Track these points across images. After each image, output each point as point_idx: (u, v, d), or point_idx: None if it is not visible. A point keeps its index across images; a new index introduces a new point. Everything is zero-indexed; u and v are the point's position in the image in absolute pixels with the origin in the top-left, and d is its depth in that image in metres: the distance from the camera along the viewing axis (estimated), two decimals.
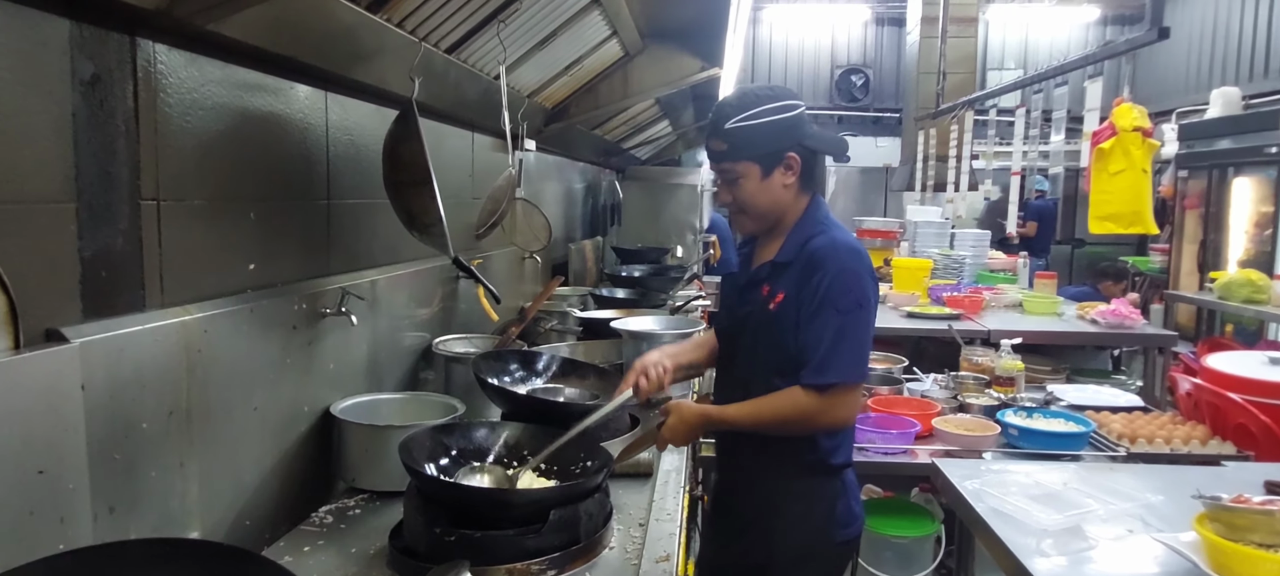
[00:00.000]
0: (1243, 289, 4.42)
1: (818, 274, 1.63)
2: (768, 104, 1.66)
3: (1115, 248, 8.05)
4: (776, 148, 1.68)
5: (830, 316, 1.61)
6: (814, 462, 1.71)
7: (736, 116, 1.66)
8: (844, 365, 1.60)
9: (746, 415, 1.67)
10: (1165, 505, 1.65)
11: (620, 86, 3.68)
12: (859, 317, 1.64)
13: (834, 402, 1.61)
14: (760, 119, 1.65)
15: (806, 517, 1.72)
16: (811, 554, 1.73)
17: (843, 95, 11.21)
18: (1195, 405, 2.59)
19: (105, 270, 1.22)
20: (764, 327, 1.72)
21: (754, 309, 1.75)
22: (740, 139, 1.66)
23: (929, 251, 5.52)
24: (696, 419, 1.70)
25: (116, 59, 1.22)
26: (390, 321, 2.20)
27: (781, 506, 1.72)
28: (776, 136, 1.67)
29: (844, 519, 1.75)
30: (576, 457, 1.69)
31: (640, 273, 4.70)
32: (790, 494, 1.72)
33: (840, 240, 1.69)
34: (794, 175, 1.71)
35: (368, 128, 2.04)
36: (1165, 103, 7.88)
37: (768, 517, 1.73)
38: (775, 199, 1.72)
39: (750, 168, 1.68)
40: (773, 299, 1.70)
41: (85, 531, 1.14)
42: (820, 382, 1.59)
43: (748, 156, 1.68)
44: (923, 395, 2.86)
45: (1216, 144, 5.91)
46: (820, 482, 1.73)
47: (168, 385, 1.32)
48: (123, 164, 1.24)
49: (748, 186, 1.70)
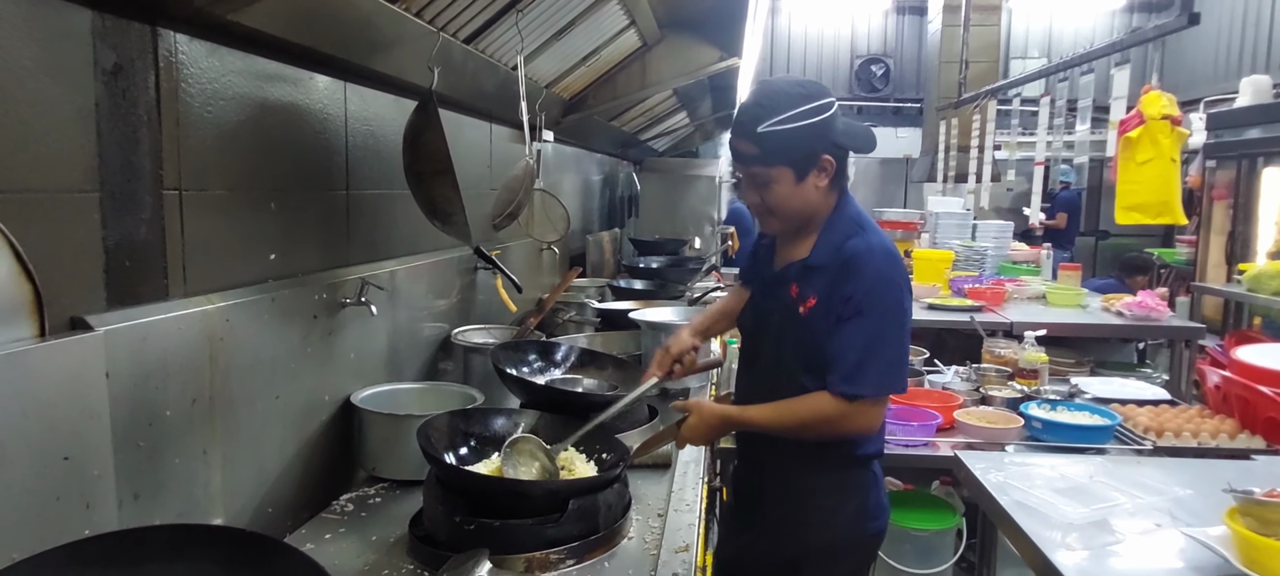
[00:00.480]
0: (1273, 281, 4.32)
1: (854, 280, 1.56)
2: (802, 105, 1.56)
3: (1141, 239, 7.92)
4: (812, 150, 1.59)
5: (864, 325, 1.54)
6: (847, 455, 1.68)
7: (770, 120, 1.56)
8: (875, 377, 1.55)
9: (768, 418, 1.62)
10: (1194, 499, 1.62)
11: (638, 77, 3.67)
12: (894, 328, 1.58)
13: (859, 412, 1.56)
14: (795, 122, 1.56)
15: (840, 511, 1.69)
16: (845, 547, 1.70)
17: (863, 85, 11.10)
18: (1224, 398, 2.54)
19: (129, 259, 1.23)
20: (792, 330, 1.65)
21: (780, 309, 1.69)
22: (774, 144, 1.57)
23: (950, 243, 5.45)
24: (717, 420, 1.67)
25: (138, 49, 1.23)
26: (410, 312, 2.21)
27: (814, 500, 1.68)
28: (812, 139, 1.58)
29: (874, 511, 1.72)
30: (594, 449, 1.69)
31: (658, 264, 4.70)
32: (823, 487, 1.68)
33: (877, 245, 1.61)
34: (827, 177, 1.63)
35: (387, 118, 2.05)
36: (1194, 91, 7.73)
37: (800, 511, 1.70)
38: (807, 201, 1.64)
39: (783, 172, 1.59)
40: (803, 302, 1.64)
41: (110, 517, 1.15)
42: (849, 392, 1.54)
43: (782, 162, 1.59)
44: (944, 387, 2.83)
45: (1246, 133, 5.77)
46: (853, 475, 1.70)
47: (191, 373, 1.33)
48: (145, 154, 1.25)
49: (780, 191, 1.61)
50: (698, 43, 3.63)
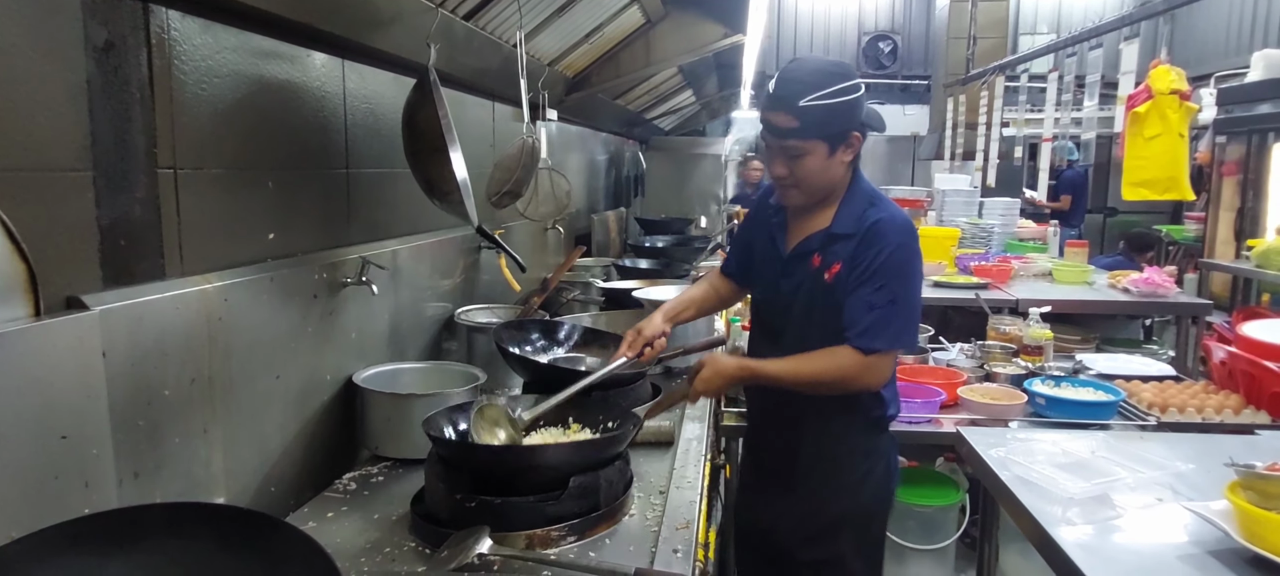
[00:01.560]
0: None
1: (877, 246, 1.67)
2: (840, 82, 1.66)
3: (1149, 216, 7.85)
4: (845, 127, 1.69)
5: (886, 285, 1.65)
6: (875, 418, 1.79)
7: (813, 93, 1.64)
8: (894, 332, 1.66)
9: (786, 370, 1.70)
10: (1196, 474, 1.61)
11: (642, 54, 3.64)
12: (912, 290, 1.71)
13: (874, 366, 1.66)
14: (836, 98, 1.65)
15: (871, 474, 1.79)
16: (878, 509, 1.83)
17: (870, 62, 10.99)
18: (1229, 374, 2.52)
19: (124, 238, 1.23)
20: (821, 299, 1.74)
21: (806, 282, 1.77)
22: (814, 117, 1.65)
23: (957, 220, 5.41)
24: (734, 370, 1.74)
25: (129, 25, 1.22)
26: (412, 291, 2.21)
27: (850, 463, 1.78)
28: (846, 116, 1.68)
29: (894, 471, 1.86)
30: (598, 420, 1.70)
31: (664, 243, 4.69)
32: (857, 451, 1.78)
33: (898, 217, 1.74)
34: (853, 152, 1.74)
35: (387, 96, 2.03)
36: (1204, 66, 7.62)
37: (837, 476, 1.78)
38: (833, 176, 1.74)
39: (819, 146, 1.68)
40: (827, 269, 1.73)
41: (110, 495, 1.16)
42: (868, 346, 1.64)
43: (818, 135, 1.67)
44: (948, 364, 2.82)
45: (1256, 108, 5.69)
46: (879, 438, 1.82)
47: (189, 353, 1.33)
48: (139, 131, 1.24)
49: (812, 164, 1.70)
50: (702, 19, 3.60)
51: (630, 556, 1.39)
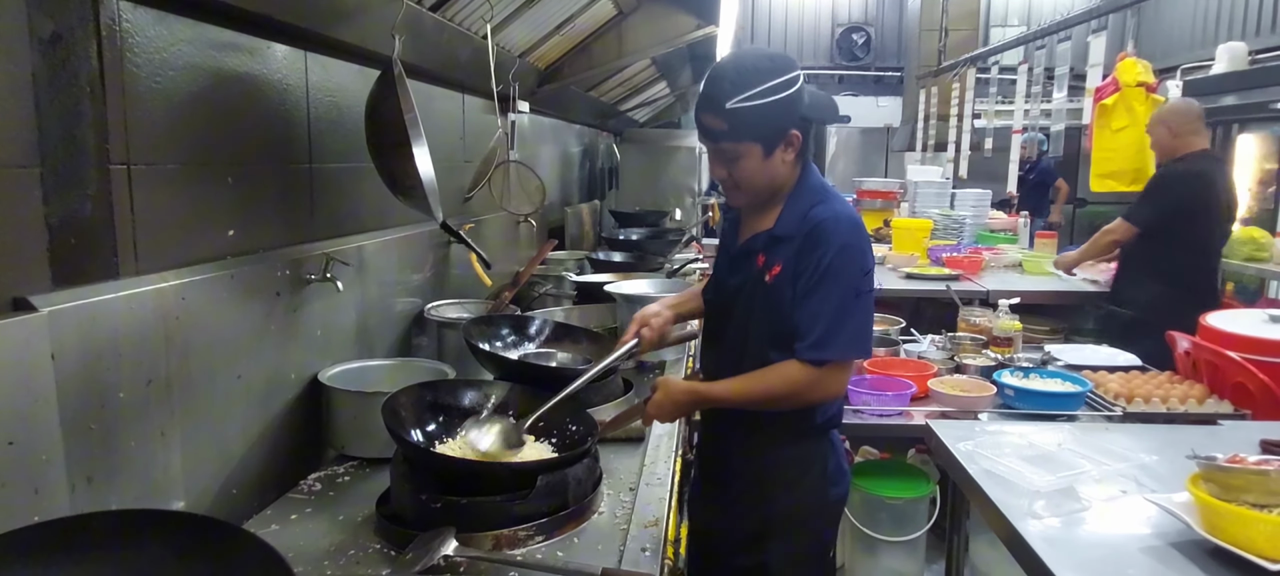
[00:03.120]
0: (1244, 247, 4.37)
1: (820, 248, 1.57)
2: (769, 79, 1.55)
3: (1118, 206, 7.96)
4: (780, 126, 1.59)
5: (832, 291, 1.56)
6: (804, 426, 1.69)
7: (737, 95, 1.54)
8: (844, 342, 1.56)
9: (735, 392, 1.62)
10: (1160, 465, 1.63)
11: (614, 46, 3.61)
12: (861, 295, 1.60)
13: (827, 377, 1.57)
14: (764, 98, 1.54)
15: (801, 480, 1.70)
16: (808, 515, 1.72)
17: (844, 54, 11.04)
18: (1193, 364, 2.56)
19: (74, 237, 1.19)
20: (759, 299, 1.65)
21: (748, 280, 1.69)
22: (742, 120, 1.56)
23: (929, 211, 5.46)
24: (684, 396, 1.65)
25: (77, 17, 1.17)
26: (380, 287, 2.18)
27: (775, 471, 1.70)
28: (779, 115, 1.57)
29: (835, 476, 1.74)
30: (563, 423, 1.67)
31: (638, 236, 4.67)
32: (784, 459, 1.70)
33: (842, 214, 1.62)
34: (794, 151, 1.63)
35: (351, 89, 1.99)
36: (1170, 58, 7.74)
37: (761, 483, 1.71)
38: (775, 176, 1.64)
39: (752, 148, 1.59)
40: (769, 270, 1.64)
41: (62, 502, 1.12)
42: (818, 358, 1.55)
43: (750, 138, 1.58)
44: (919, 356, 2.84)
45: (1221, 100, 5.81)
46: (811, 444, 1.71)
47: (145, 354, 1.30)
48: (88, 127, 1.20)
49: (748, 166, 1.61)
50: (674, 10, 3.58)
51: (599, 555, 1.38)
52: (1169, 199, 3.47)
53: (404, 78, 1.75)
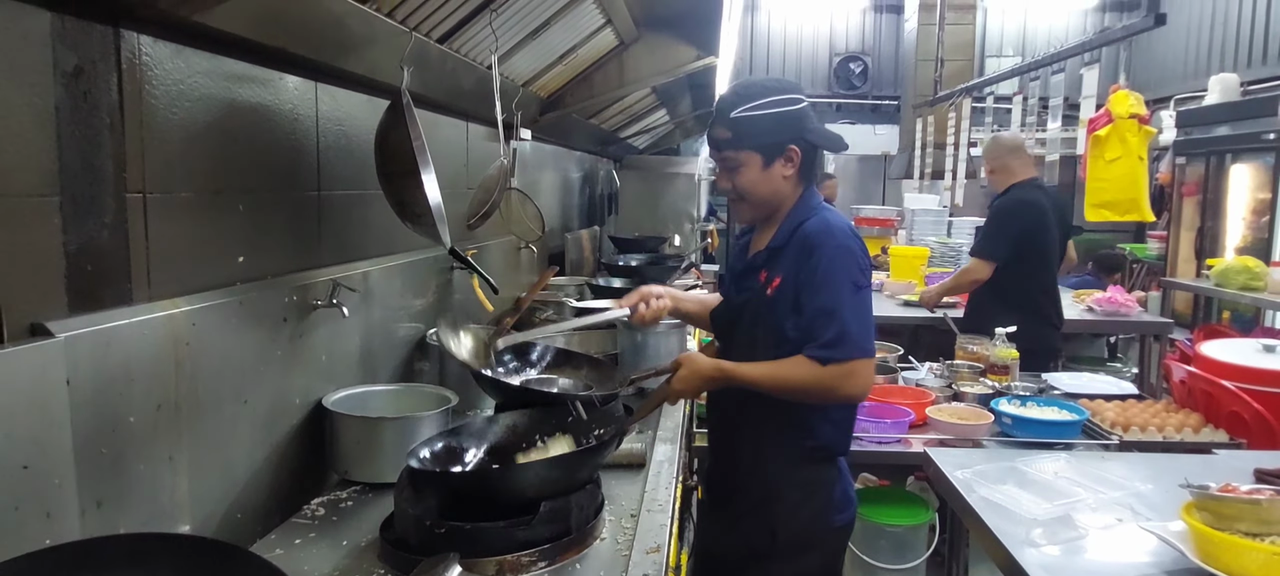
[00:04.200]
0: (1239, 276, 4.41)
1: (815, 254, 1.67)
2: (774, 94, 1.72)
3: (1113, 234, 8.03)
4: (778, 138, 1.72)
5: (835, 293, 1.64)
6: (812, 449, 1.75)
7: (741, 106, 1.71)
8: (856, 340, 1.63)
9: (764, 375, 1.68)
10: (1155, 494, 1.65)
11: (616, 75, 3.67)
12: (861, 293, 1.68)
13: (851, 375, 1.62)
14: (764, 110, 1.70)
15: (806, 504, 1.75)
16: (812, 540, 1.76)
17: (841, 83, 11.15)
18: (1189, 393, 2.59)
19: (91, 264, 1.21)
20: (762, 313, 1.75)
21: (752, 295, 1.79)
22: (744, 128, 1.71)
23: (926, 239, 5.51)
24: (711, 370, 1.72)
25: (100, 51, 1.21)
26: (384, 312, 2.20)
27: (781, 493, 1.74)
28: (779, 128, 1.71)
29: (841, 503, 1.79)
30: (589, 430, 1.71)
31: (637, 262, 4.70)
32: (790, 481, 1.75)
33: (833, 221, 1.73)
34: (794, 167, 1.76)
35: (359, 118, 2.03)
36: (1163, 89, 7.85)
37: (768, 504, 1.75)
38: (775, 188, 1.76)
39: (752, 157, 1.73)
40: (770, 283, 1.74)
41: (72, 526, 1.14)
42: (836, 357, 1.61)
43: (750, 145, 1.72)
44: (918, 384, 2.86)
45: (1214, 131, 5.89)
46: (818, 469, 1.77)
47: (155, 379, 1.32)
48: (107, 156, 1.23)
49: (748, 175, 1.75)
50: (675, 41, 3.63)
51: None
52: (1015, 227, 3.55)
53: (412, 107, 1.79)
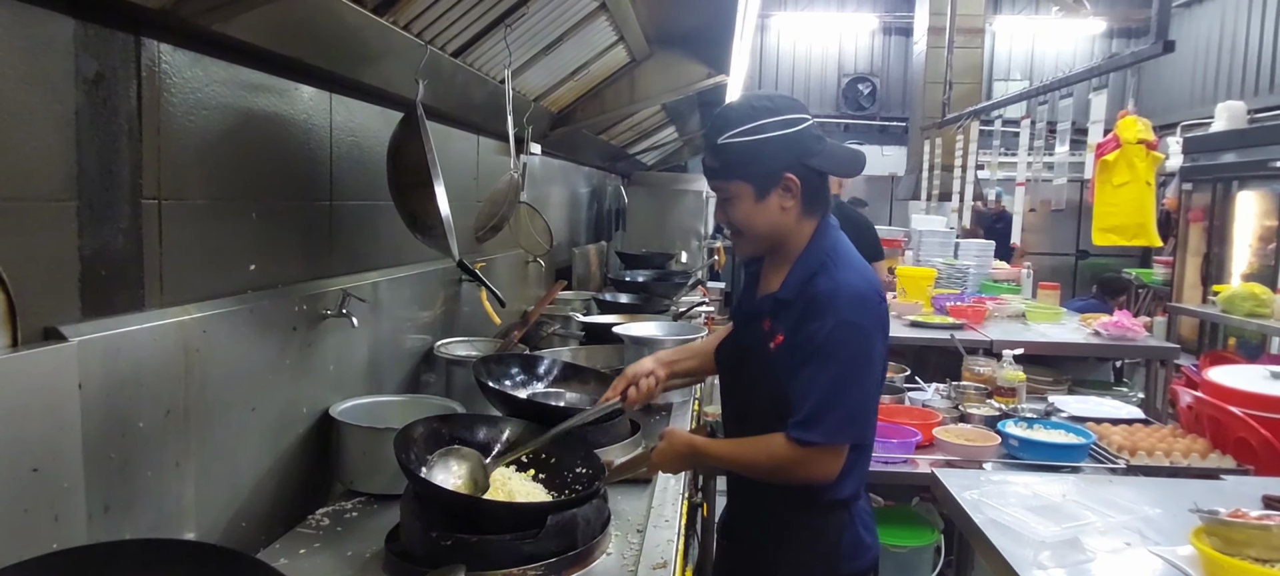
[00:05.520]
0: (1246, 302, 4.40)
1: (816, 321, 1.47)
2: (765, 117, 1.48)
3: (1119, 259, 8.03)
4: (772, 167, 1.49)
5: (823, 369, 1.46)
6: (817, 497, 1.60)
7: (729, 131, 1.49)
8: (832, 425, 1.46)
9: (727, 454, 1.62)
10: (1163, 518, 1.64)
11: (626, 92, 3.69)
12: (858, 374, 1.49)
13: (814, 459, 1.48)
14: (755, 135, 1.47)
15: (810, 551, 1.63)
16: None
17: (850, 103, 11.21)
18: (1196, 418, 2.58)
19: (105, 269, 1.22)
20: (764, 367, 1.59)
21: (755, 345, 1.63)
22: (732, 156, 1.49)
23: (933, 260, 5.51)
24: (685, 450, 1.64)
25: (120, 58, 1.22)
26: (392, 323, 2.21)
27: (784, 538, 1.65)
28: (772, 155, 1.49)
29: (850, 551, 1.63)
30: (572, 464, 1.69)
31: (644, 277, 4.71)
32: (794, 526, 1.63)
33: (845, 284, 1.50)
34: (794, 198, 1.52)
35: (373, 129, 2.05)
36: (1170, 116, 7.86)
37: (773, 549, 1.67)
38: (774, 223, 1.54)
39: (742, 188, 1.52)
40: (772, 338, 1.57)
41: (80, 530, 1.14)
42: (803, 438, 1.46)
43: (740, 176, 1.51)
44: (924, 404, 2.86)
45: (1221, 158, 5.89)
46: (825, 516, 1.62)
47: (165, 385, 1.32)
48: (125, 163, 1.25)
49: (742, 208, 1.53)
50: (686, 59, 3.66)
51: None
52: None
53: (425, 120, 1.80)
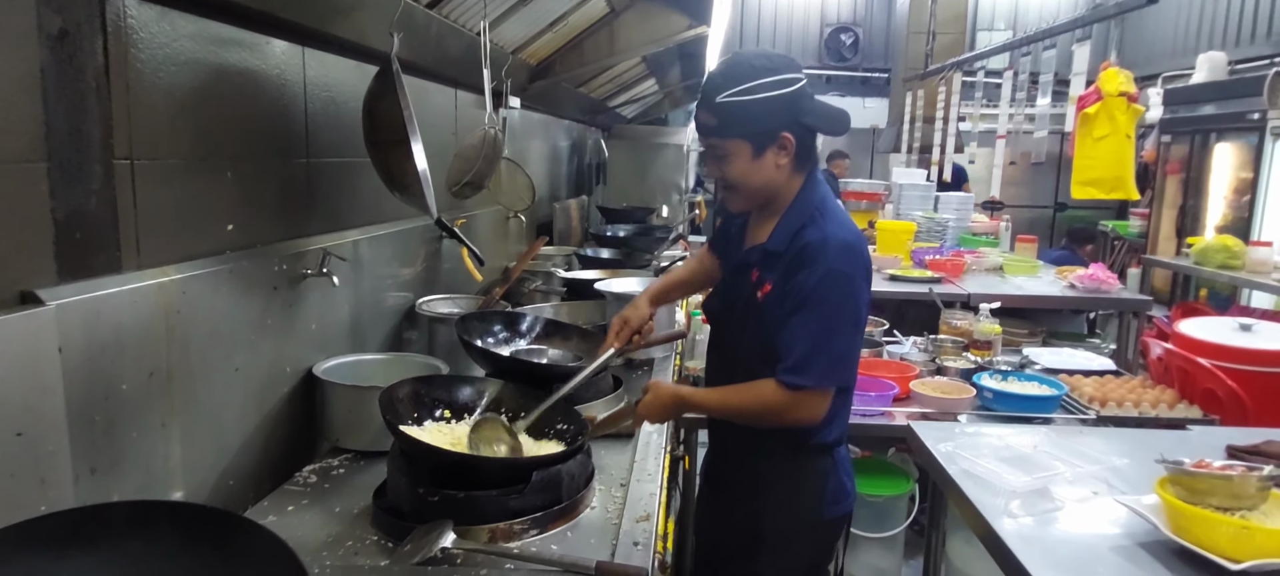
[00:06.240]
0: (1218, 255, 4.48)
1: (805, 270, 1.53)
2: (764, 77, 1.53)
3: (1097, 211, 8.11)
4: (770, 126, 1.55)
5: (813, 317, 1.52)
6: (803, 441, 1.67)
7: (728, 90, 1.53)
8: (821, 370, 1.52)
9: (716, 401, 1.64)
10: (1130, 468, 1.69)
11: (606, 43, 3.64)
12: (845, 321, 1.55)
13: (803, 402, 1.54)
14: (754, 94, 1.53)
15: (794, 496, 1.69)
16: (799, 532, 1.71)
17: (831, 54, 11.11)
18: (1165, 369, 2.64)
19: (80, 231, 1.21)
20: (752, 316, 1.64)
21: (743, 296, 1.68)
22: (731, 115, 1.54)
23: (913, 214, 5.53)
24: (671, 399, 1.67)
25: (85, 13, 1.19)
26: (373, 281, 2.20)
27: (770, 484, 1.70)
28: (770, 114, 1.54)
29: (834, 496, 1.71)
30: (553, 421, 1.71)
31: (625, 232, 4.70)
32: (779, 472, 1.69)
33: (834, 236, 1.56)
34: (788, 155, 1.59)
35: (348, 84, 2.01)
36: (1153, 66, 7.87)
37: (757, 495, 1.71)
38: (768, 179, 1.60)
39: (740, 146, 1.57)
40: (760, 287, 1.63)
41: (66, 493, 1.14)
42: (793, 382, 1.52)
43: (738, 134, 1.56)
44: (902, 358, 2.90)
45: (1200, 109, 5.93)
46: (809, 460, 1.69)
47: (147, 347, 1.32)
48: (94, 122, 1.22)
49: (737, 165, 1.59)
50: (666, 10, 3.61)
51: (592, 549, 1.42)
52: None
53: (402, 75, 1.77)
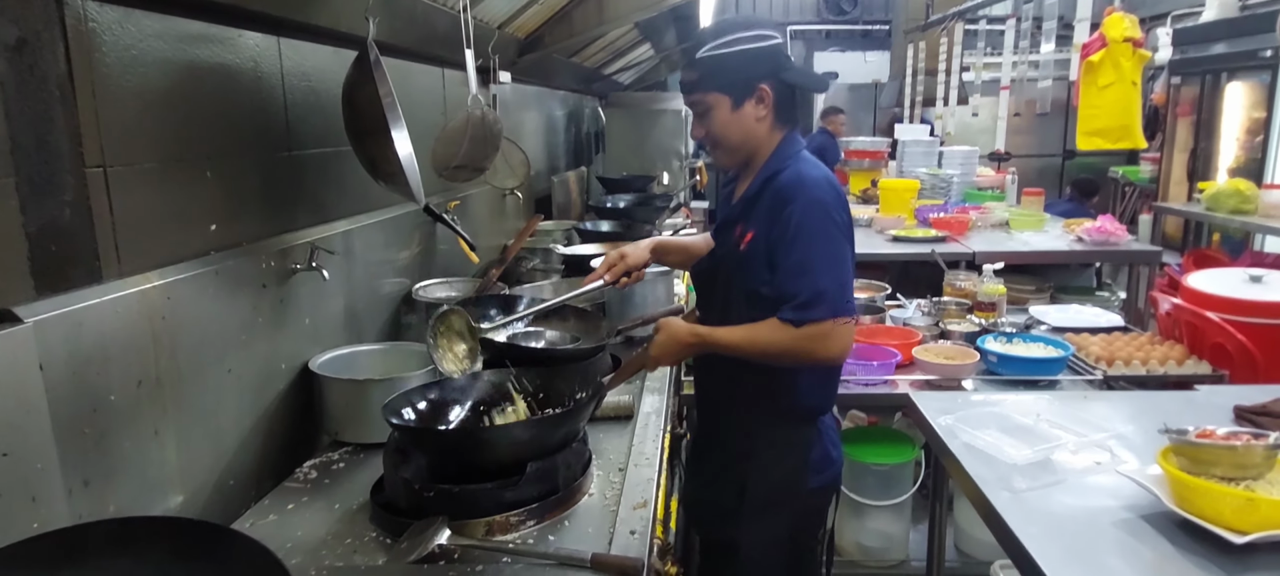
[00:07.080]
0: (1230, 199, 4.40)
1: (788, 207, 1.57)
2: (740, 32, 1.63)
3: (1106, 158, 7.97)
4: (747, 77, 1.64)
5: (807, 248, 1.55)
6: (789, 409, 1.69)
7: (707, 45, 1.64)
8: (832, 299, 1.53)
9: (738, 339, 1.61)
10: (1136, 435, 1.67)
11: (595, 12, 3.57)
12: (837, 247, 1.58)
13: (828, 336, 1.54)
14: (731, 48, 1.62)
15: (777, 465, 1.70)
16: (781, 501, 1.72)
17: (831, 9, 10.90)
18: (1174, 324, 2.60)
19: (55, 244, 1.19)
20: (737, 267, 1.68)
21: (729, 249, 1.72)
22: (710, 67, 1.64)
23: (917, 171, 5.44)
24: (688, 336, 1.66)
25: (42, 20, 1.16)
26: (367, 270, 2.18)
27: (753, 452, 1.71)
28: (747, 66, 1.63)
29: (818, 465, 1.73)
30: (572, 391, 1.71)
31: (625, 202, 4.65)
32: (763, 440, 1.71)
33: (806, 172, 1.62)
34: (767, 108, 1.66)
35: (328, 72, 1.97)
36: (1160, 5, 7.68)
37: (740, 462, 1.73)
38: (747, 132, 1.67)
39: (720, 99, 1.65)
40: (743, 238, 1.66)
41: (60, 508, 1.14)
42: (811, 318, 1.52)
43: (717, 86, 1.65)
44: (905, 323, 2.87)
45: (1211, 49, 5.79)
46: (794, 430, 1.72)
47: (134, 355, 1.31)
48: (61, 132, 1.19)
49: (718, 117, 1.66)
50: None
51: (589, 538, 1.41)
52: None
53: (380, 61, 1.73)
